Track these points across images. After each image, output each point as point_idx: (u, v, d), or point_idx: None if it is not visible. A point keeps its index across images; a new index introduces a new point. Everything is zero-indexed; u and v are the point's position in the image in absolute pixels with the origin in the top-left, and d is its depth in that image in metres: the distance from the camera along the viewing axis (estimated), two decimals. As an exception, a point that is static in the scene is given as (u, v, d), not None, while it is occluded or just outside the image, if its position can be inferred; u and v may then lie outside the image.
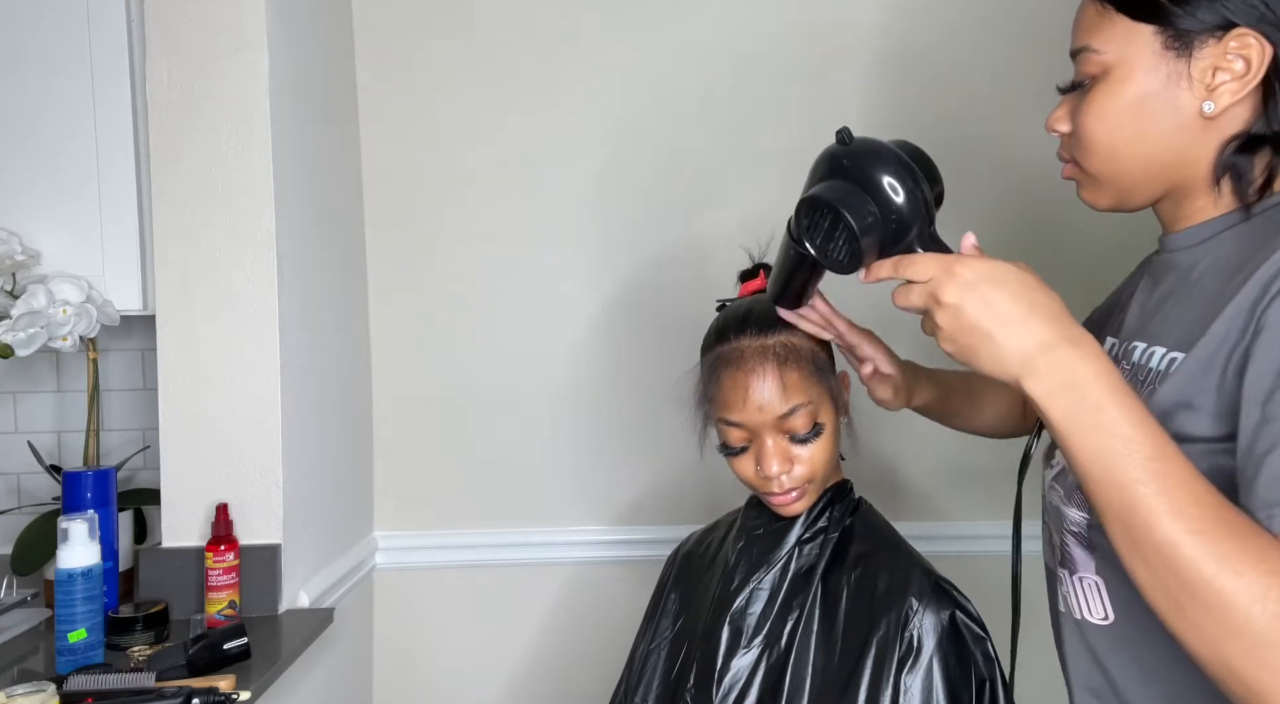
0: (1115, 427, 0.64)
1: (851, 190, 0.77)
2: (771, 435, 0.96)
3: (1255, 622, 0.57)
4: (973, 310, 0.69)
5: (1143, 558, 0.63)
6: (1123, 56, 0.75)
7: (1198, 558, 0.59)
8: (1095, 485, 0.65)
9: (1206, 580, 0.59)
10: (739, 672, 0.96)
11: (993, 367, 0.69)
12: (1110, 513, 0.64)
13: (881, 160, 0.77)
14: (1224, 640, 0.59)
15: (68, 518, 1.12)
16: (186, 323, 1.31)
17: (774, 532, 1.02)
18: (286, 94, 1.36)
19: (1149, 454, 0.63)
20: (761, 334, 0.97)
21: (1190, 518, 0.60)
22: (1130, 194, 0.80)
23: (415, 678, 1.69)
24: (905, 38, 1.63)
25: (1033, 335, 0.67)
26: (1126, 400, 0.64)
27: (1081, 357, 0.66)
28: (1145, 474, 0.62)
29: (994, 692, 0.91)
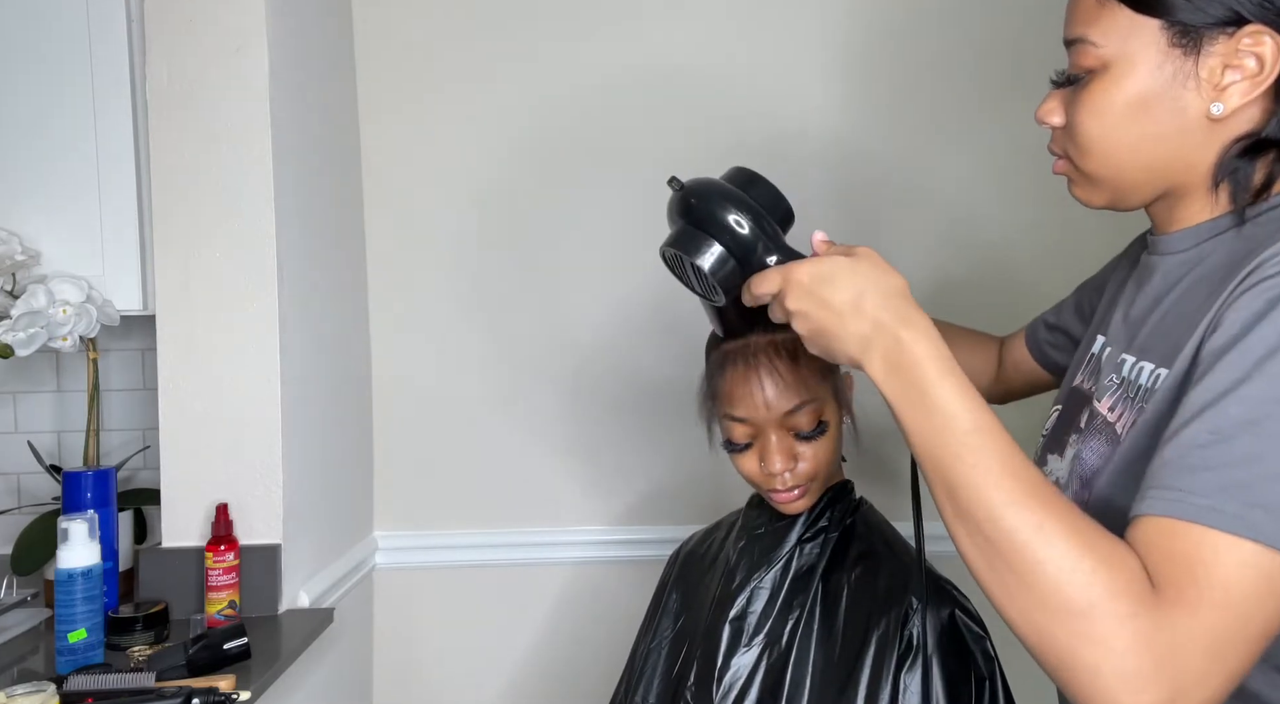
0: (937, 403, 0.66)
1: (693, 232, 0.82)
2: (776, 432, 0.96)
3: (1064, 589, 0.59)
4: (813, 311, 0.73)
5: (966, 531, 0.64)
6: (1124, 51, 0.71)
7: (1013, 527, 0.61)
8: (924, 463, 0.68)
9: (1019, 549, 0.61)
10: (739, 670, 0.96)
11: (845, 358, 0.73)
12: (938, 489, 0.67)
13: (714, 198, 0.82)
14: (1035, 609, 0.60)
15: (68, 518, 1.12)
16: (186, 323, 1.31)
17: (775, 531, 1.02)
18: (286, 94, 1.36)
19: (968, 429, 0.65)
20: (769, 330, 0.97)
21: (1006, 490, 0.62)
22: (1126, 195, 0.76)
23: (415, 678, 1.69)
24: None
25: (865, 322, 0.71)
26: (950, 380, 0.67)
27: (912, 337, 0.69)
28: (963, 449, 0.64)
29: (993, 690, 0.91)
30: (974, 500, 0.63)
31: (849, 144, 1.64)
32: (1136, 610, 0.57)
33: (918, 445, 0.68)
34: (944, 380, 0.67)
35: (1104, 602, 0.57)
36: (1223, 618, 0.56)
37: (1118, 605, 0.57)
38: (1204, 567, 0.57)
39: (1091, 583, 0.58)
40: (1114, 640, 0.57)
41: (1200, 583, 0.57)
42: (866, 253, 0.74)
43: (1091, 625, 0.57)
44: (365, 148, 1.66)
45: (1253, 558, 0.56)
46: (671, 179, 0.85)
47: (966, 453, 0.64)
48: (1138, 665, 0.56)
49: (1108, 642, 0.57)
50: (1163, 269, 0.78)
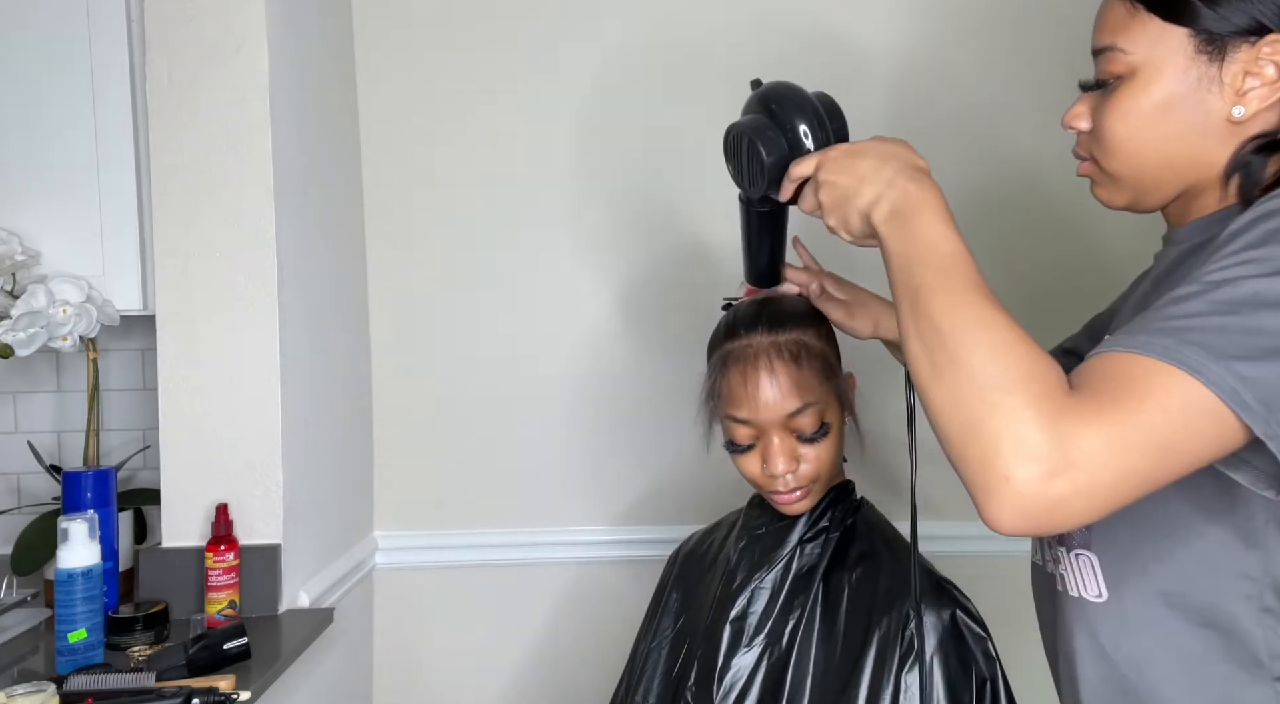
0: (921, 233, 0.72)
1: (766, 123, 0.88)
2: (778, 433, 0.96)
3: (989, 367, 0.64)
4: (839, 179, 0.80)
5: (917, 332, 0.69)
6: (1151, 58, 0.75)
7: (963, 320, 0.67)
8: (898, 280, 0.73)
9: (961, 333, 0.66)
10: (740, 670, 0.96)
11: (859, 219, 0.78)
12: (903, 296, 0.71)
13: (795, 99, 0.89)
14: (959, 384, 0.65)
15: (68, 518, 1.12)
16: (186, 323, 1.31)
17: (776, 531, 1.02)
18: (286, 94, 1.36)
19: (947, 252, 0.71)
20: (773, 331, 0.97)
21: (964, 298, 0.68)
22: (1147, 194, 0.81)
23: (415, 678, 1.69)
24: (905, 32, 1.63)
25: (881, 182, 0.77)
26: (944, 223, 0.72)
27: (919, 190, 0.75)
28: (934, 271, 0.70)
29: (994, 691, 0.91)
30: (932, 303, 0.69)
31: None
32: (1048, 394, 0.61)
33: (897, 268, 0.73)
34: (938, 219, 0.73)
35: (1020, 381, 0.62)
36: (1131, 420, 0.60)
37: (1032, 386, 0.62)
38: (1126, 381, 0.61)
39: (1012, 365, 0.63)
40: (1019, 412, 0.61)
41: (1118, 392, 0.61)
42: (900, 140, 0.81)
43: (1003, 397, 0.62)
44: (365, 148, 1.66)
45: (1174, 384, 0.60)
46: (755, 79, 0.94)
47: (938, 268, 0.70)
48: (1035, 438, 0.60)
49: (1014, 413, 0.61)
50: (1168, 257, 0.82)
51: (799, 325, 0.99)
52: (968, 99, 1.63)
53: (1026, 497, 0.60)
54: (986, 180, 1.64)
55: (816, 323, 1.02)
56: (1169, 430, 0.60)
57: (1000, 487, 0.61)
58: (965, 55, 1.63)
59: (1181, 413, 0.60)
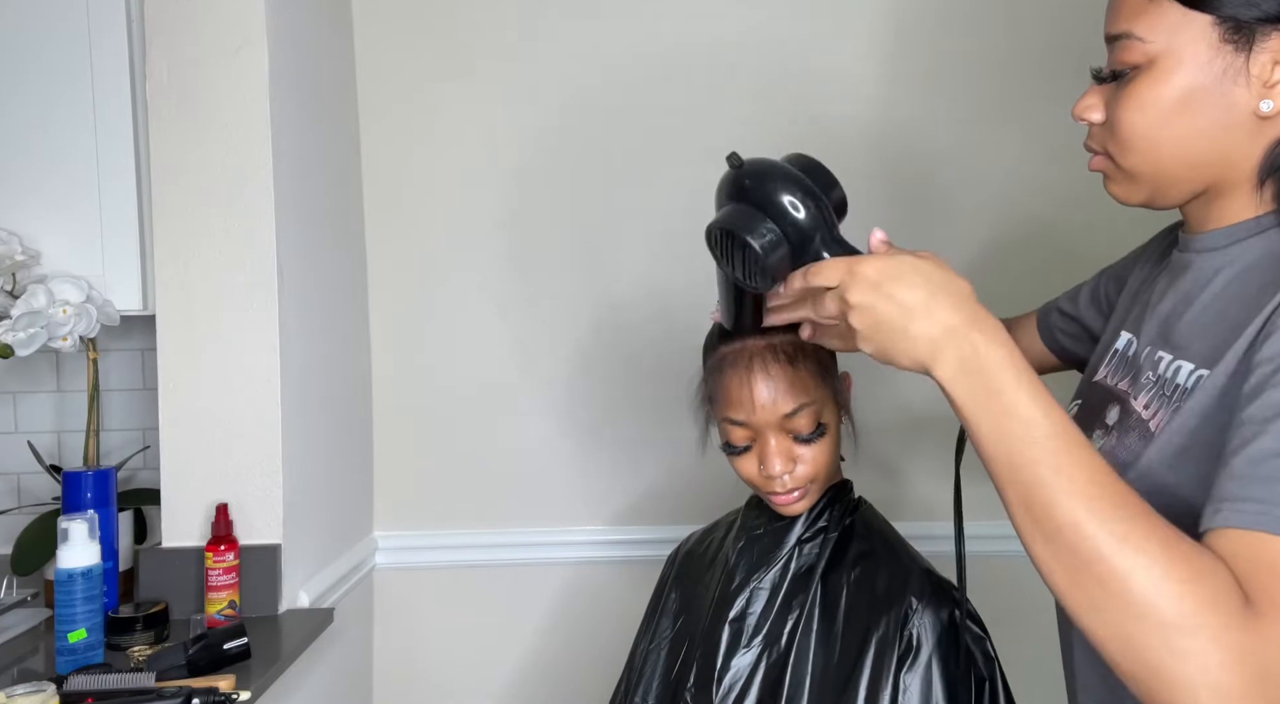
0: (1014, 408, 0.64)
1: (749, 212, 0.78)
2: (775, 435, 0.96)
3: (1156, 601, 0.57)
4: (881, 307, 0.69)
5: (1043, 537, 0.62)
6: (1171, 47, 0.70)
7: (1096, 536, 0.59)
8: (997, 468, 0.65)
9: (1105, 558, 0.59)
10: (739, 671, 0.96)
11: (908, 360, 0.69)
12: (1012, 495, 0.64)
13: (775, 179, 0.78)
14: (1124, 621, 0.58)
15: (68, 518, 1.12)
16: (186, 323, 1.31)
17: (774, 531, 1.02)
18: (286, 94, 1.36)
19: (1047, 433, 0.62)
20: (767, 333, 0.97)
21: (1089, 497, 0.60)
22: (1165, 192, 0.76)
23: (415, 678, 1.69)
24: (895, 35, 1.63)
25: (937, 322, 0.67)
26: (1026, 382, 0.64)
27: (985, 341, 0.66)
28: (1043, 453, 0.62)
29: (994, 691, 0.91)
30: (1054, 507, 0.61)
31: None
32: (1230, 624, 0.56)
33: (990, 450, 0.65)
34: (1021, 384, 0.65)
35: (1198, 615, 0.56)
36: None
37: (1212, 618, 0.56)
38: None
39: (1184, 595, 0.56)
40: (1209, 655, 0.55)
41: None
42: (932, 255, 0.72)
43: (1185, 639, 0.56)
44: (365, 148, 1.66)
45: None
46: (731, 155, 0.81)
47: (1047, 458, 0.62)
48: (1232, 680, 0.55)
49: (1203, 656, 0.56)
50: (1196, 267, 0.77)
51: (793, 327, 0.98)
52: (954, 109, 1.63)
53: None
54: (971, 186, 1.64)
55: None
56: None
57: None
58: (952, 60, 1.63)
59: None
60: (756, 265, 0.78)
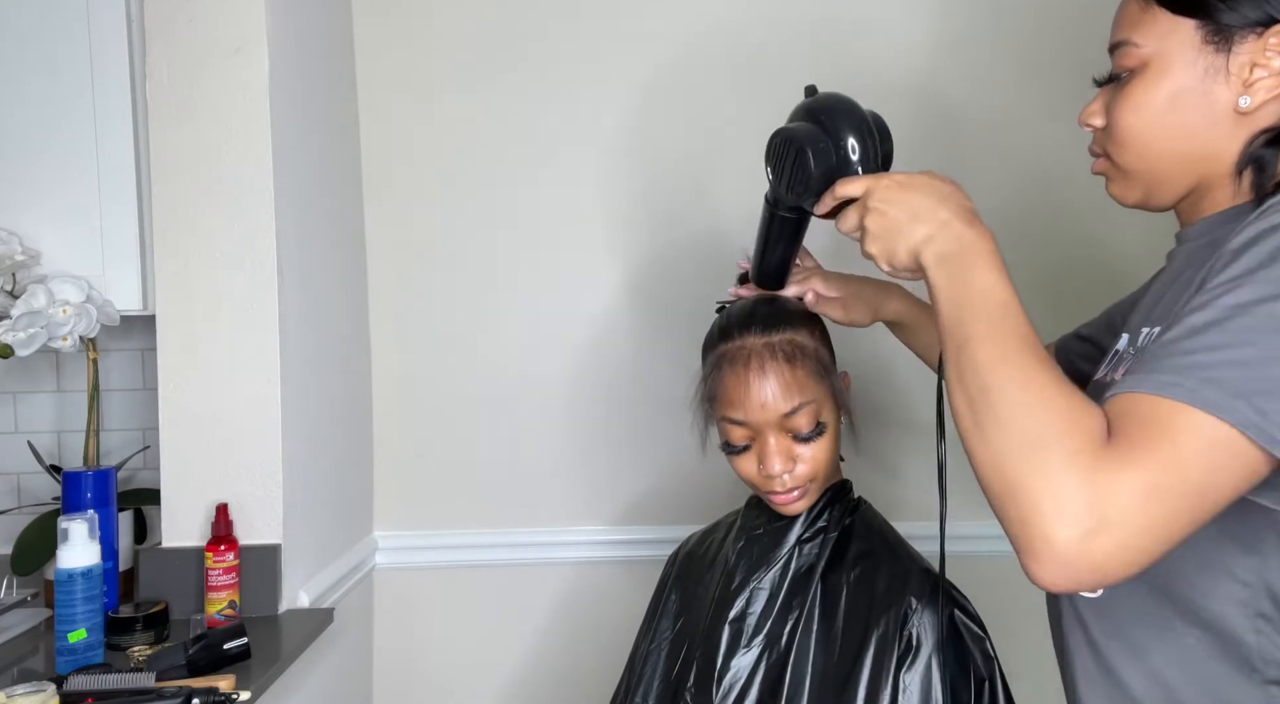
0: (976, 282, 0.72)
1: (815, 132, 0.87)
2: (774, 434, 0.96)
3: (1027, 424, 0.64)
4: (893, 209, 0.79)
5: (961, 380, 0.70)
6: (1161, 50, 0.77)
7: (1002, 375, 0.67)
8: (946, 326, 0.73)
9: (1005, 390, 0.66)
10: (739, 671, 0.96)
11: (906, 255, 0.78)
12: (950, 345, 0.72)
13: (845, 113, 0.87)
14: (999, 440, 0.65)
15: (68, 518, 1.12)
16: (186, 323, 1.31)
17: (774, 531, 1.02)
18: (286, 94, 1.36)
19: (998, 302, 0.71)
20: (766, 332, 0.97)
21: (1014, 348, 0.68)
22: (1159, 189, 0.81)
23: (415, 678, 1.69)
24: (925, 38, 1.63)
25: (936, 218, 0.77)
26: (993, 267, 0.73)
27: (975, 236, 0.75)
28: (988, 315, 0.70)
29: (993, 690, 0.91)
30: (980, 350, 0.69)
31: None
32: (1084, 448, 0.62)
33: (946, 314, 0.73)
34: (991, 266, 0.73)
35: (1057, 438, 0.63)
36: (1162, 468, 0.60)
37: (1068, 442, 0.62)
38: (1155, 427, 0.62)
39: (1051, 421, 0.64)
40: (1056, 472, 0.61)
41: (1149, 438, 0.61)
42: (946, 178, 0.81)
43: (1041, 457, 0.62)
44: (365, 148, 1.66)
45: (1200, 425, 0.61)
46: (810, 86, 0.92)
47: (987, 317, 0.70)
48: (1073, 495, 0.61)
49: (1051, 473, 0.62)
50: (1182, 254, 0.83)
51: (792, 325, 0.99)
52: (985, 101, 1.63)
53: (1069, 557, 0.60)
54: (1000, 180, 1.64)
55: (810, 323, 1.02)
56: (1201, 473, 0.61)
57: (1042, 548, 0.61)
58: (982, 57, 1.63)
59: (1210, 454, 0.61)
60: (802, 175, 0.87)
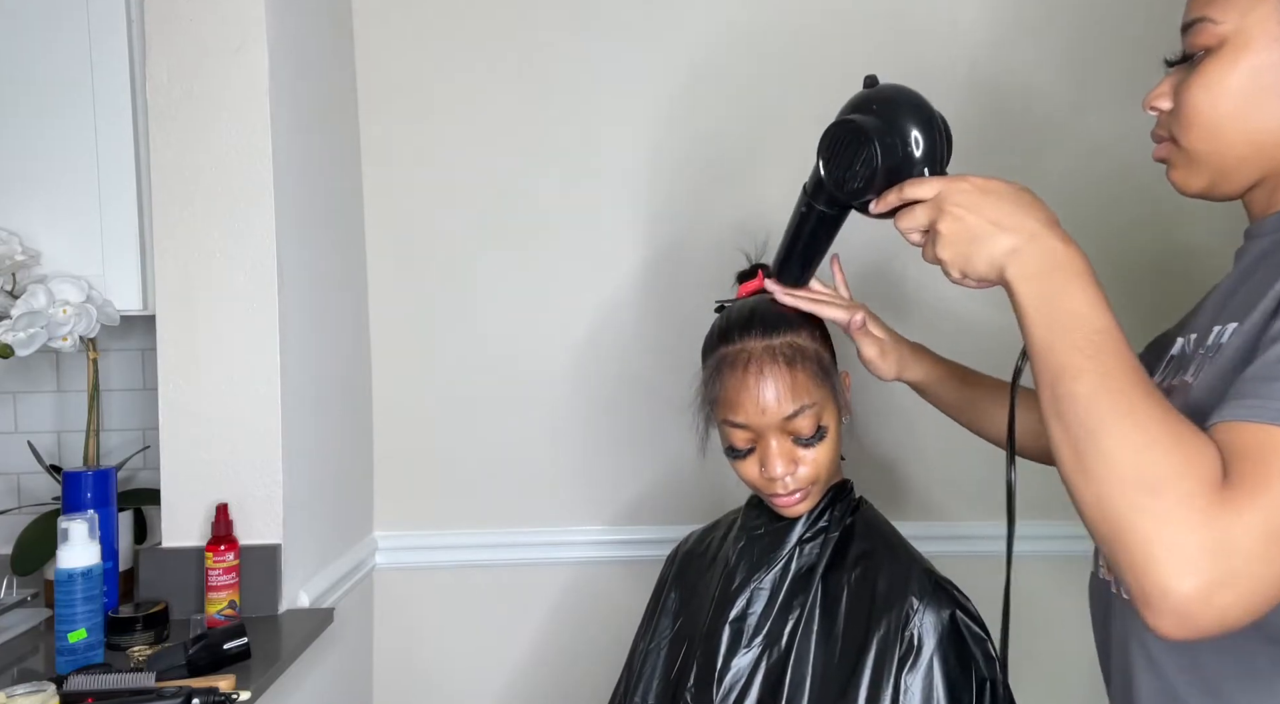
0: (1071, 304, 0.68)
1: (879, 125, 0.81)
2: (776, 437, 0.95)
3: (1138, 464, 0.60)
4: (971, 216, 0.74)
5: (1058, 412, 0.66)
6: (1242, 27, 0.72)
7: (1109, 410, 0.63)
8: (1038, 350, 0.68)
9: (1109, 428, 0.62)
10: (739, 671, 0.96)
11: (985, 265, 0.73)
12: (1044, 377, 0.68)
13: (910, 105, 0.82)
14: (1107, 482, 0.61)
15: (68, 518, 1.12)
16: (186, 323, 1.31)
17: (774, 531, 1.02)
18: (286, 94, 1.36)
19: (1096, 327, 0.66)
20: (767, 335, 0.96)
21: (1115, 379, 0.64)
22: (1226, 176, 0.76)
23: (415, 678, 1.69)
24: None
25: (1023, 229, 0.72)
26: (1092, 289, 0.68)
27: (1064, 246, 0.70)
28: (1085, 342, 0.66)
29: (994, 691, 0.91)
30: (1079, 382, 0.64)
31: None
32: (1200, 491, 0.58)
33: (1038, 339, 0.68)
34: (1087, 287, 0.68)
35: (1172, 479, 0.59)
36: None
37: (1183, 484, 0.58)
38: (1272, 461, 0.58)
39: (1163, 461, 0.59)
40: (1173, 516, 0.58)
41: (1267, 475, 0.58)
42: (1025, 186, 0.76)
43: (1155, 499, 0.59)
44: (365, 147, 1.66)
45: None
46: (869, 77, 0.87)
47: (1086, 344, 0.65)
48: (1190, 543, 0.57)
49: (1167, 516, 0.58)
50: (1255, 249, 0.78)
51: (792, 328, 0.98)
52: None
53: (1190, 611, 0.57)
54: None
55: (810, 325, 1.01)
56: None
57: (1160, 601, 0.58)
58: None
59: None
60: (868, 171, 0.82)
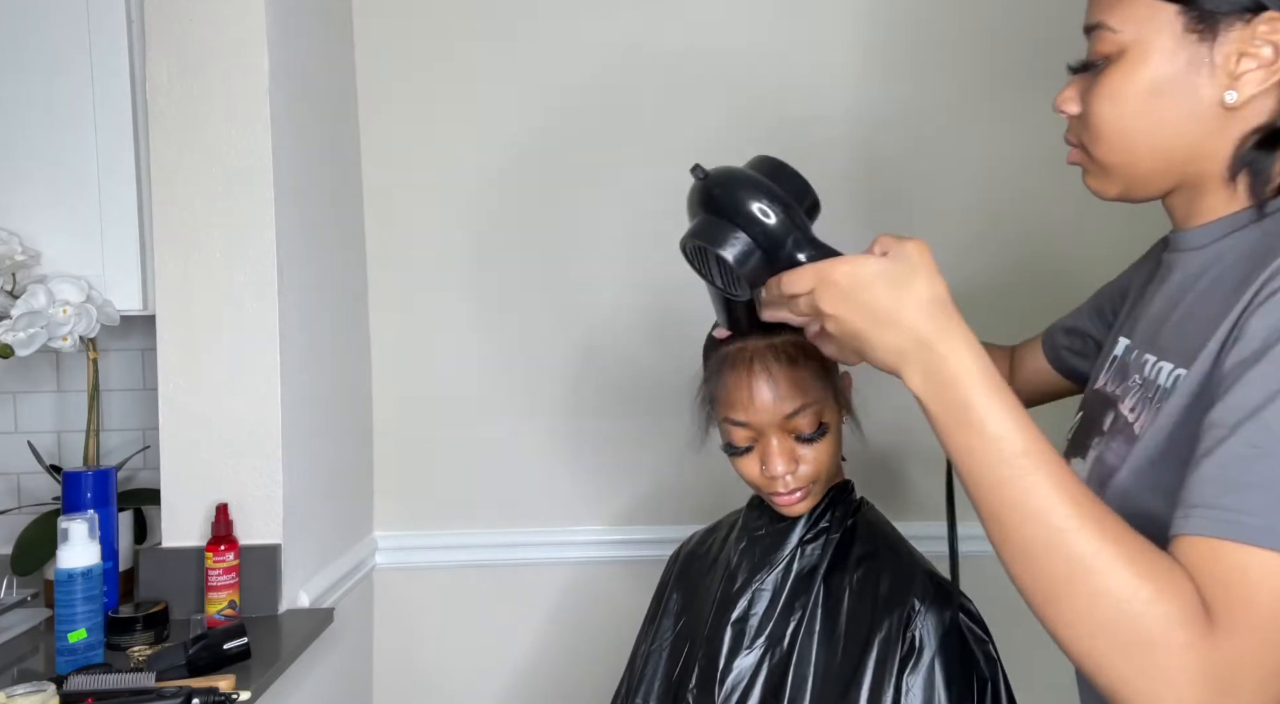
0: (983, 424, 0.64)
1: (718, 223, 0.77)
2: (777, 435, 0.96)
3: (1122, 619, 0.58)
4: (848, 316, 0.69)
5: (1014, 554, 0.63)
6: (1140, 37, 0.70)
7: (1069, 556, 0.60)
8: (969, 481, 0.65)
9: (1075, 577, 0.60)
10: (741, 673, 0.96)
11: (882, 364, 0.70)
12: (984, 510, 0.64)
13: (741, 187, 0.77)
14: (1092, 636, 0.59)
15: (68, 518, 1.12)
16: (186, 323, 1.31)
17: (776, 532, 1.02)
18: (286, 94, 1.36)
19: (1018, 451, 0.62)
20: (768, 334, 0.97)
21: (1060, 516, 0.61)
22: (1139, 184, 0.75)
23: (415, 678, 1.69)
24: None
25: (903, 333, 0.67)
26: (996, 398, 0.64)
27: (953, 353, 0.66)
28: (1014, 472, 0.62)
29: (996, 692, 0.91)
30: (1025, 525, 0.62)
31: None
32: (1193, 640, 0.57)
33: (961, 465, 0.66)
34: (991, 399, 0.64)
35: (1162, 633, 0.57)
36: (1271, 638, 0.56)
37: (1175, 635, 0.57)
38: (1257, 589, 0.56)
39: (1148, 614, 0.58)
40: (1172, 671, 0.57)
41: (1254, 606, 0.56)
42: (914, 250, 0.69)
43: (1149, 656, 0.57)
44: (365, 148, 1.66)
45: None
46: (695, 167, 0.81)
47: (1017, 476, 0.62)
48: (1194, 695, 0.56)
49: (1166, 673, 0.57)
50: (1181, 267, 0.77)
51: (794, 327, 0.98)
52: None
53: None
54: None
55: None
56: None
57: None
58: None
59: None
60: (732, 275, 0.78)
